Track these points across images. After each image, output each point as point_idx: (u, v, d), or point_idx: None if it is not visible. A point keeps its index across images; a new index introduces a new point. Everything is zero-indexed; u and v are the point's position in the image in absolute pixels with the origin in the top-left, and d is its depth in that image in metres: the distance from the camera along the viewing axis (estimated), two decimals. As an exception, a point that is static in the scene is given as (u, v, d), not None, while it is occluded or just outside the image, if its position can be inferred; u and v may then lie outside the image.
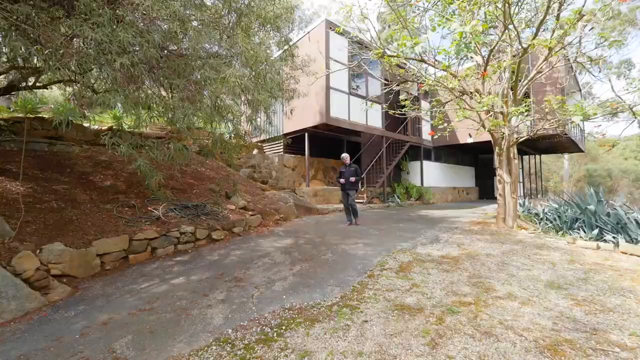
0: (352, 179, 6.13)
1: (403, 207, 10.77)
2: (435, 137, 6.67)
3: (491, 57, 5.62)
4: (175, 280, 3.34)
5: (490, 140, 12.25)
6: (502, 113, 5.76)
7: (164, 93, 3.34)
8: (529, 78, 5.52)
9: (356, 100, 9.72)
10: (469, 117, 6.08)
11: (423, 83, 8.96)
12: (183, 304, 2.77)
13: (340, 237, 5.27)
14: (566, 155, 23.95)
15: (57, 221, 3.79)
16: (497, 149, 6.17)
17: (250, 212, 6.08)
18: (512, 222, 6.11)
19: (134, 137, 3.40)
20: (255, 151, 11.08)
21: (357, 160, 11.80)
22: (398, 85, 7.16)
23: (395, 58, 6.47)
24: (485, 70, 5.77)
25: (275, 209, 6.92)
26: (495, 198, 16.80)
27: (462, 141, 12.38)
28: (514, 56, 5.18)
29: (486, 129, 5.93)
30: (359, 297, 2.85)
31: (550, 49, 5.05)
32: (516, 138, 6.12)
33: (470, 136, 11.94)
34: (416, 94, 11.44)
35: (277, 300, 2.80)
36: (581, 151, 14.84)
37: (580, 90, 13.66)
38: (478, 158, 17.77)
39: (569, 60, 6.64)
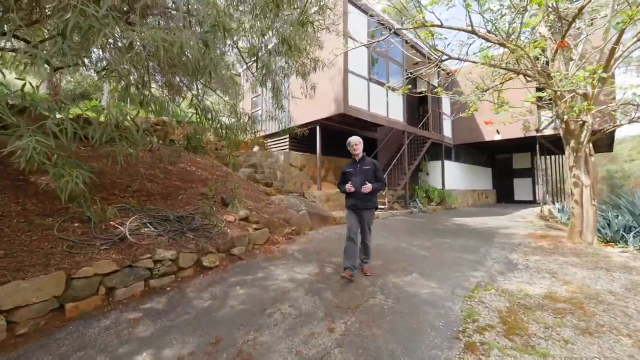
0: (367, 187, 3.10)
1: (427, 213, 9.38)
2: (490, 127, 5.31)
3: (573, 22, 4.26)
4: (132, 360, 1.89)
5: (520, 137, 10.95)
6: (585, 95, 4.40)
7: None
8: (627, 46, 4.18)
9: (377, 87, 8.26)
10: (535, 102, 4.71)
11: (457, 68, 7.63)
12: None
13: (381, 261, 3.84)
14: (580, 156, 22.81)
15: (-59, 251, 2.31)
16: (572, 143, 4.80)
17: (254, 225, 4.62)
18: (592, 237, 4.75)
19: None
20: (256, 148, 9.61)
21: (373, 159, 10.36)
22: (431, 68, 5.78)
23: (438, 28, 5.11)
24: (563, 38, 4.42)
25: (285, 219, 5.47)
26: (515, 202, 15.63)
27: (487, 138, 11.01)
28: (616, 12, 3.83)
29: (563, 115, 4.57)
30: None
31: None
32: (600, 129, 4.78)
33: (498, 132, 10.63)
34: (437, 83, 10.09)
35: None
36: (610, 150, 13.64)
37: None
38: (495, 158, 16.49)
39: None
